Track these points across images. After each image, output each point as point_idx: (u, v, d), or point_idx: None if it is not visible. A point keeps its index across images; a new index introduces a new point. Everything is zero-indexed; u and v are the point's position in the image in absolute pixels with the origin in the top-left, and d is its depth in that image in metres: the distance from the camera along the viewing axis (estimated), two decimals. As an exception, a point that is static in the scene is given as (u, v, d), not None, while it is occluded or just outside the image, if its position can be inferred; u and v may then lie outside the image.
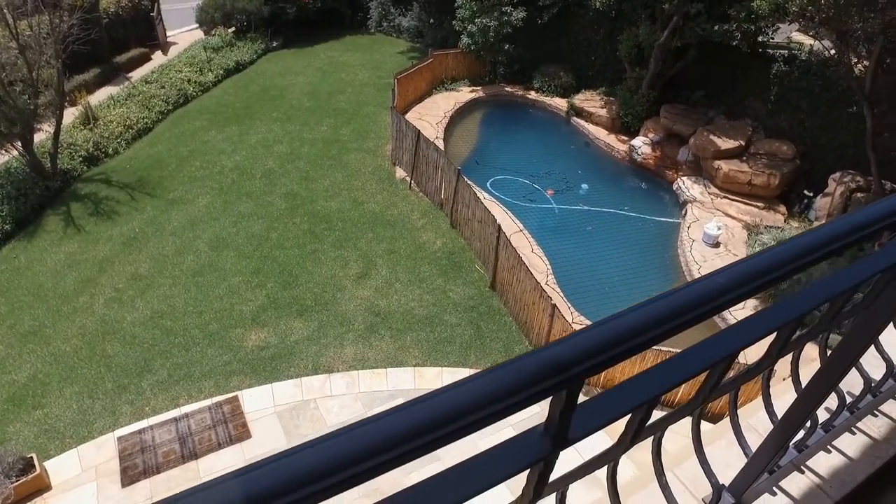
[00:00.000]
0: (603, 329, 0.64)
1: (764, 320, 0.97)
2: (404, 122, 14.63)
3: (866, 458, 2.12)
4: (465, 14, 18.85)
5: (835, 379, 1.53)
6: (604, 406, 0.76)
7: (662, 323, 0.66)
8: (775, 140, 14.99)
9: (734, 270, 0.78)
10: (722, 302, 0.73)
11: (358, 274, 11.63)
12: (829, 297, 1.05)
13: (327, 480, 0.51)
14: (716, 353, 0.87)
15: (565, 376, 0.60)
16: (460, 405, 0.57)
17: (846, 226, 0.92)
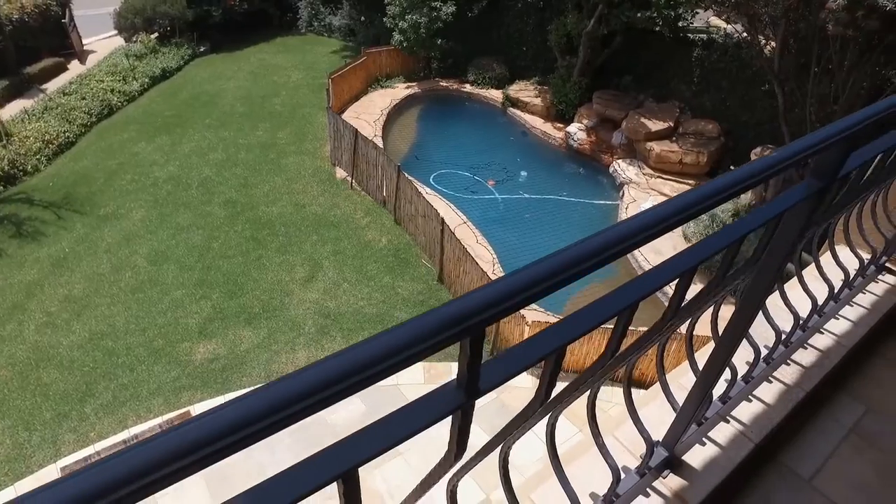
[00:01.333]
0: (495, 286, 0.71)
1: (663, 272, 1.06)
2: (341, 122, 14.53)
3: (781, 402, 2.32)
4: (396, 11, 18.83)
5: (742, 328, 1.66)
6: (512, 359, 0.83)
7: (544, 280, 0.73)
8: (701, 120, 15.69)
9: (612, 232, 0.86)
10: (600, 259, 0.80)
11: (305, 277, 11.50)
12: (718, 249, 1.14)
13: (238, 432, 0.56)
14: (617, 305, 0.96)
15: (464, 325, 0.67)
16: (387, 350, 0.63)
17: (697, 196, 1.02)
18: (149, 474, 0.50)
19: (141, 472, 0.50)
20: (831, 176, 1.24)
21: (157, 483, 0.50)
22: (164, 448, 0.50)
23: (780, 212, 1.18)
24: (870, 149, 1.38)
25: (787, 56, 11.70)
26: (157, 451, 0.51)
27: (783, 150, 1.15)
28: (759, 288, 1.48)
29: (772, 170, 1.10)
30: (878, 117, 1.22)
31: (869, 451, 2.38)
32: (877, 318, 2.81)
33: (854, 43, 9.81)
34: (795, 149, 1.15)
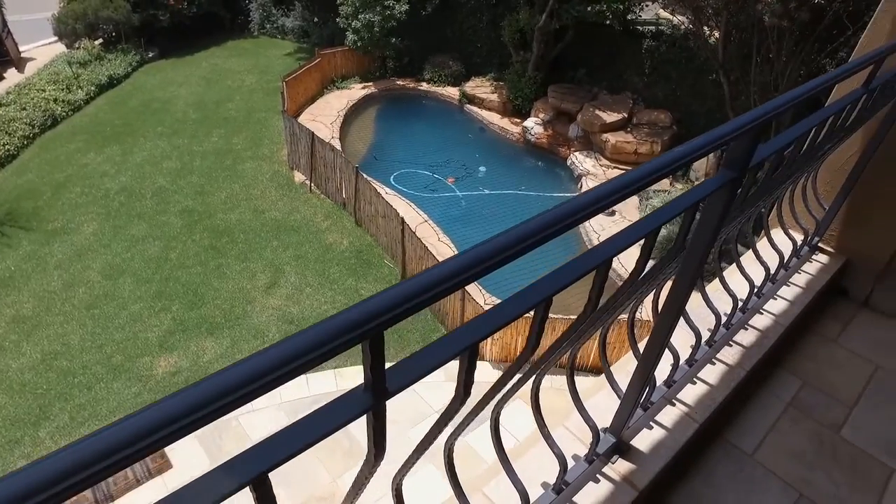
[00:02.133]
0: (390, 291, 0.73)
1: (577, 267, 1.08)
2: (297, 125, 14.35)
3: (724, 382, 2.42)
4: (349, 10, 18.67)
5: (672, 316, 1.72)
6: (423, 358, 0.85)
7: (442, 282, 0.75)
8: (654, 110, 16.07)
9: (513, 234, 0.88)
10: (502, 258, 0.82)
11: (267, 284, 11.33)
12: (633, 241, 1.17)
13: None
14: (532, 300, 0.98)
15: (362, 330, 0.69)
16: (291, 355, 0.64)
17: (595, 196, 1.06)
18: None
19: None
20: (742, 166, 1.30)
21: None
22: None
23: (694, 202, 1.23)
24: (780, 139, 1.45)
25: (731, 46, 12.10)
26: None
27: (694, 141, 1.20)
28: (686, 276, 1.54)
29: (683, 160, 1.15)
30: (780, 110, 1.29)
31: (805, 421, 2.50)
32: (811, 297, 2.95)
33: (789, 33, 10.22)
34: (706, 140, 1.20)
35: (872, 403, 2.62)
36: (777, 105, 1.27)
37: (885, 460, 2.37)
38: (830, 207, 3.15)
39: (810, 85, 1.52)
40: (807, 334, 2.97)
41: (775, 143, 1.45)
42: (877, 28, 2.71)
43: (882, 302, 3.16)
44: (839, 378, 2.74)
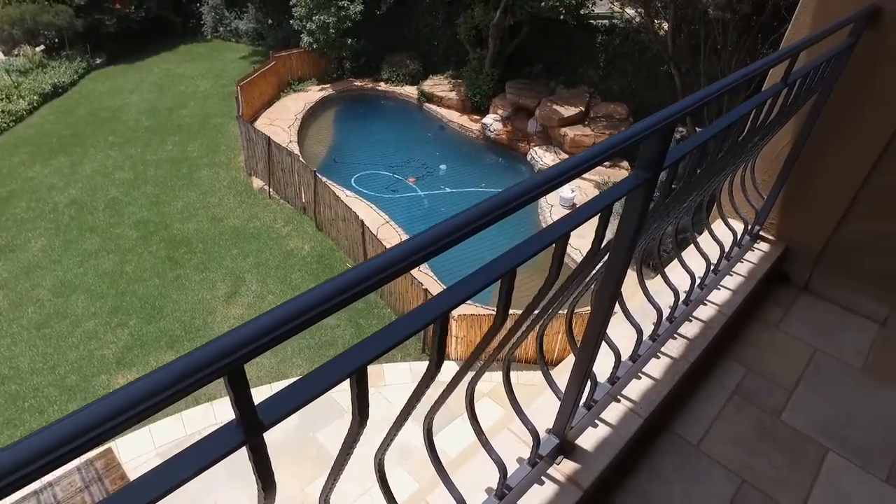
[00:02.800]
0: (247, 326, 0.69)
1: (477, 279, 1.06)
2: (253, 130, 14.08)
3: (668, 376, 2.44)
4: (302, 12, 18.42)
5: (601, 320, 1.72)
6: (302, 387, 0.81)
7: (302, 314, 0.72)
8: (610, 103, 16.30)
9: (395, 252, 0.82)
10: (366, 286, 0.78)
11: (227, 294, 11.09)
12: (542, 247, 1.16)
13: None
14: (420, 321, 0.96)
15: (217, 366, 0.65)
16: (146, 393, 0.60)
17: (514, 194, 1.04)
18: None
19: None
20: (656, 167, 1.30)
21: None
22: None
23: (607, 204, 1.23)
24: (695, 138, 1.45)
25: (680, 39, 12.36)
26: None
27: (609, 140, 1.20)
28: (612, 278, 1.54)
29: (597, 158, 1.14)
30: (690, 109, 1.29)
31: (748, 408, 2.55)
32: (753, 285, 3.02)
33: (733, 25, 10.50)
34: (621, 138, 1.20)
35: (811, 386, 2.69)
36: (688, 104, 1.28)
37: (822, 440, 2.44)
38: (768, 196, 3.22)
39: (725, 82, 1.53)
40: (750, 321, 3.03)
41: (691, 142, 1.46)
42: (799, 23, 2.78)
43: (820, 286, 3.26)
44: (780, 363, 2.81)
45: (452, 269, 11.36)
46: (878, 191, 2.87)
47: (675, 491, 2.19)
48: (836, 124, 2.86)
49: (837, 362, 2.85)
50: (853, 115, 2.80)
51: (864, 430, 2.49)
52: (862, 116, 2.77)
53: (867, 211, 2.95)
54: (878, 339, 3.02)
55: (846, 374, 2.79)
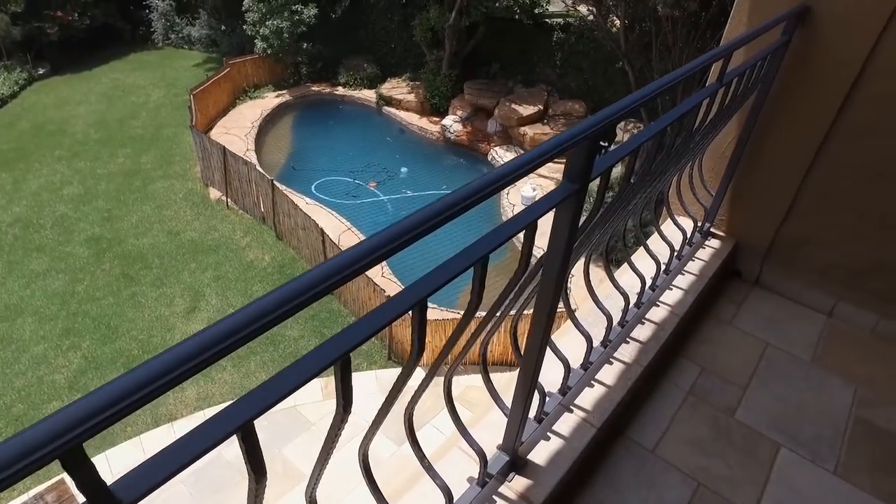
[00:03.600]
0: (91, 397, 0.59)
1: (400, 303, 0.99)
2: (207, 140, 13.74)
3: (621, 381, 2.40)
4: (255, 17, 18.08)
5: (540, 336, 1.67)
6: (164, 459, 0.72)
7: (145, 385, 0.63)
8: (568, 100, 16.44)
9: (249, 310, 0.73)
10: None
11: (186, 309, 10.76)
12: (466, 267, 1.10)
13: None
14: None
15: (46, 450, 0.56)
16: None
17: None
18: None
19: None
20: (584, 177, 1.25)
21: None
22: None
23: (532, 219, 1.17)
24: (624, 147, 1.41)
25: (632, 36, 12.54)
26: None
27: (536, 149, 1.14)
28: (547, 293, 1.48)
29: (518, 172, 1.09)
30: (616, 117, 1.24)
31: (703, 407, 2.54)
32: (705, 282, 3.02)
33: (682, 22, 10.71)
34: (546, 148, 1.14)
35: (763, 381, 2.70)
36: (613, 112, 1.23)
37: (774, 436, 2.44)
38: (717, 193, 3.24)
39: (653, 86, 1.50)
40: (704, 319, 3.04)
41: (622, 148, 1.42)
42: (735, 22, 2.79)
43: (770, 280, 3.29)
44: (734, 360, 2.82)
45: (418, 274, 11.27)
46: (818, 184, 2.91)
47: (631, 499, 2.16)
48: (777, 120, 2.89)
49: (788, 356, 2.87)
50: (792, 110, 2.83)
51: (814, 423, 2.51)
52: (800, 112, 2.80)
53: (810, 204, 2.99)
54: (825, 330, 3.06)
55: (796, 367, 2.81)
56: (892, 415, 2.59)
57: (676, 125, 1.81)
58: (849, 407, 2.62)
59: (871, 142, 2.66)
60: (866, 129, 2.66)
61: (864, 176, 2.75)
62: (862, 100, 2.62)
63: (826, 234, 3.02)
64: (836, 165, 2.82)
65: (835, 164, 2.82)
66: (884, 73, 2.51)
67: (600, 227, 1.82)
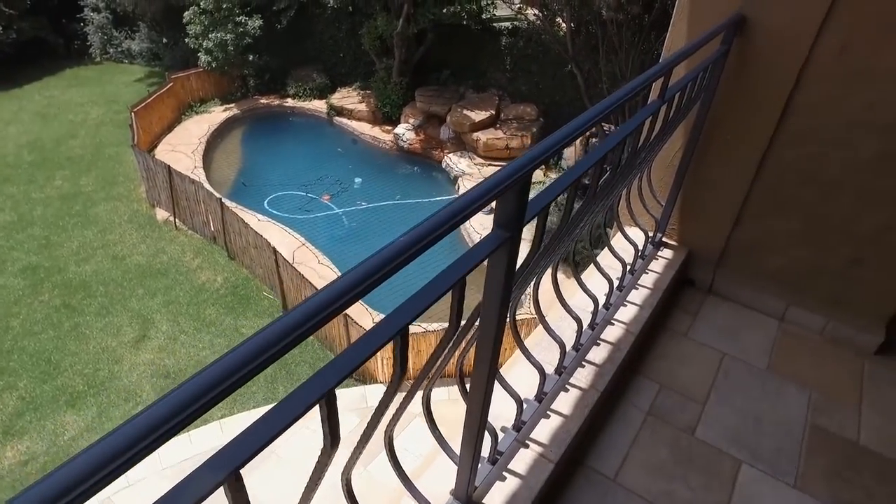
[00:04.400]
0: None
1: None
2: (150, 159, 13.21)
3: (578, 410, 2.30)
4: (197, 30, 17.55)
5: (484, 382, 1.55)
6: None
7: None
8: (520, 104, 16.51)
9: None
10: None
11: (135, 338, 10.25)
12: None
13: None
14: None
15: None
16: None
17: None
18: None
19: None
20: (516, 223, 1.14)
21: None
22: None
23: (459, 277, 1.05)
24: (559, 184, 1.30)
25: (579, 39, 12.68)
26: None
27: (462, 199, 1.03)
28: (487, 343, 1.36)
29: (452, 220, 0.97)
30: (545, 156, 1.14)
31: (663, 428, 2.48)
32: (660, 295, 2.97)
33: (627, 25, 10.88)
34: (472, 197, 1.02)
35: (721, 395, 2.66)
36: (541, 152, 1.12)
37: (734, 453, 2.40)
38: (667, 203, 3.21)
39: (591, 113, 1.40)
40: (660, 333, 2.99)
41: (559, 184, 1.31)
42: (676, 31, 2.76)
43: (723, 287, 3.28)
44: (691, 374, 2.77)
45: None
46: (764, 190, 2.91)
47: (593, 535, 2.06)
48: (721, 128, 2.88)
49: (744, 365, 2.85)
50: (735, 118, 2.82)
51: (772, 435, 2.49)
52: (743, 120, 2.79)
53: (757, 210, 2.99)
54: (778, 335, 3.06)
55: (753, 376, 2.79)
56: (844, 419, 2.59)
57: (619, 148, 1.73)
58: (804, 415, 2.61)
59: (810, 147, 2.67)
60: (805, 135, 2.67)
61: (806, 181, 2.76)
62: (800, 106, 2.62)
63: (774, 240, 3.02)
64: (780, 171, 2.82)
65: (779, 171, 2.82)
66: (818, 80, 2.51)
67: (545, 257, 1.72)
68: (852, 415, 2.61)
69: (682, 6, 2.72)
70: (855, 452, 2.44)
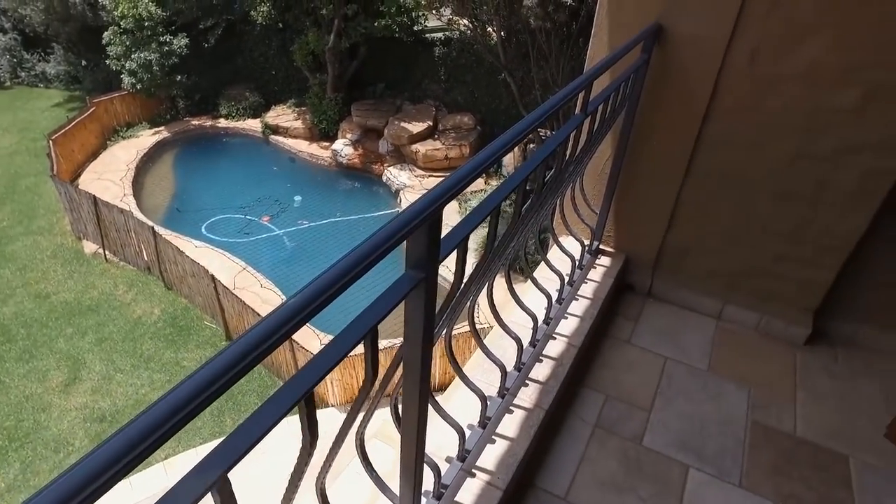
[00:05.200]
0: None
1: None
2: (73, 189, 12.48)
3: (524, 431, 2.24)
4: (118, 51, 16.78)
5: (416, 400, 1.46)
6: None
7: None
8: (457, 114, 16.55)
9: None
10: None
11: (64, 382, 9.59)
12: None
13: None
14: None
15: None
16: None
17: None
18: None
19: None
20: (430, 263, 1.06)
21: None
22: None
23: (369, 328, 0.96)
24: (464, 225, 1.21)
25: (510, 48, 12.86)
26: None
27: (377, 236, 0.95)
28: (414, 377, 1.28)
29: (363, 264, 0.89)
30: (458, 188, 1.07)
31: (611, 441, 2.46)
32: (599, 306, 2.97)
33: (555, 33, 11.13)
34: (384, 236, 0.95)
35: (665, 400, 2.68)
36: (453, 183, 1.06)
37: (681, 458, 2.41)
38: (601, 210, 3.23)
39: (507, 136, 1.36)
40: (603, 341, 2.99)
41: (468, 222, 1.23)
42: (597, 42, 2.78)
43: (661, 290, 3.33)
44: (636, 381, 2.78)
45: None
46: (692, 193, 2.97)
47: (546, 561, 2.01)
48: (648, 135, 2.92)
49: (686, 368, 2.88)
50: (660, 125, 2.87)
51: (716, 436, 2.51)
52: (667, 126, 2.84)
53: (687, 213, 3.04)
54: (716, 334, 3.12)
55: (695, 378, 2.82)
56: (781, 413, 2.65)
57: (542, 167, 1.70)
58: (745, 412, 2.65)
59: (731, 151, 2.74)
60: (725, 139, 2.74)
61: (729, 183, 2.84)
62: (719, 112, 2.69)
63: (704, 241, 3.09)
64: (705, 175, 2.89)
65: (704, 174, 2.89)
66: (734, 86, 2.58)
67: (476, 283, 1.66)
68: (789, 407, 2.68)
69: (601, 17, 2.75)
70: (793, 445, 2.50)
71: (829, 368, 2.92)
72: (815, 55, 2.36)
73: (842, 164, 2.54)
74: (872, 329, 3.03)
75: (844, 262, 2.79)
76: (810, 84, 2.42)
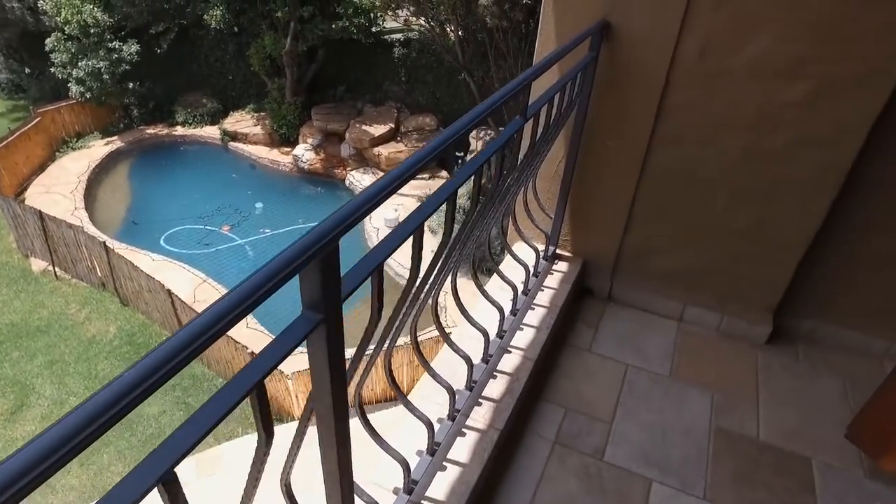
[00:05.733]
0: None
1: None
2: (16, 204, 11.91)
3: (477, 455, 2.10)
4: (64, 58, 16.12)
5: (335, 459, 1.31)
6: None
7: None
8: (419, 115, 16.42)
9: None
10: None
11: (10, 409, 9.07)
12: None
13: None
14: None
15: None
16: None
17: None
18: None
19: None
20: (328, 303, 0.91)
21: None
22: None
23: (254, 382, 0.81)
24: (357, 273, 1.04)
25: (469, 47, 12.77)
26: None
27: (255, 279, 0.80)
28: (329, 431, 1.12)
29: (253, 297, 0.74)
30: (361, 212, 0.92)
31: (571, 457, 2.34)
32: (557, 312, 2.86)
33: (512, 32, 11.08)
34: (265, 276, 0.79)
35: (627, 410, 2.58)
36: (355, 208, 0.90)
37: (644, 472, 2.31)
38: (556, 214, 3.12)
39: (428, 149, 1.21)
40: (562, 350, 2.88)
41: (377, 253, 1.07)
42: (544, 40, 2.67)
43: (621, 293, 3.24)
44: (596, 391, 2.67)
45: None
46: (648, 194, 2.88)
47: None
48: (600, 134, 2.82)
49: (648, 374, 2.79)
50: (611, 124, 2.77)
51: (679, 446, 2.42)
52: (619, 125, 2.75)
53: (644, 214, 2.96)
54: (678, 336, 3.04)
55: (657, 385, 2.73)
56: (744, 417, 2.58)
57: (478, 178, 1.56)
58: (708, 418, 2.57)
59: (685, 149, 2.66)
60: (678, 137, 2.66)
61: (684, 182, 2.76)
62: (671, 109, 2.61)
63: (663, 242, 3.00)
64: (660, 174, 2.80)
65: (659, 174, 2.81)
66: (684, 83, 2.50)
67: (408, 311, 1.51)
68: (751, 410, 2.61)
69: (547, 16, 2.64)
70: (755, 450, 2.43)
71: (791, 367, 2.87)
72: (764, 49, 2.29)
73: (794, 159, 2.48)
74: (831, 325, 2.99)
75: (801, 258, 2.74)
76: (760, 78, 2.36)
